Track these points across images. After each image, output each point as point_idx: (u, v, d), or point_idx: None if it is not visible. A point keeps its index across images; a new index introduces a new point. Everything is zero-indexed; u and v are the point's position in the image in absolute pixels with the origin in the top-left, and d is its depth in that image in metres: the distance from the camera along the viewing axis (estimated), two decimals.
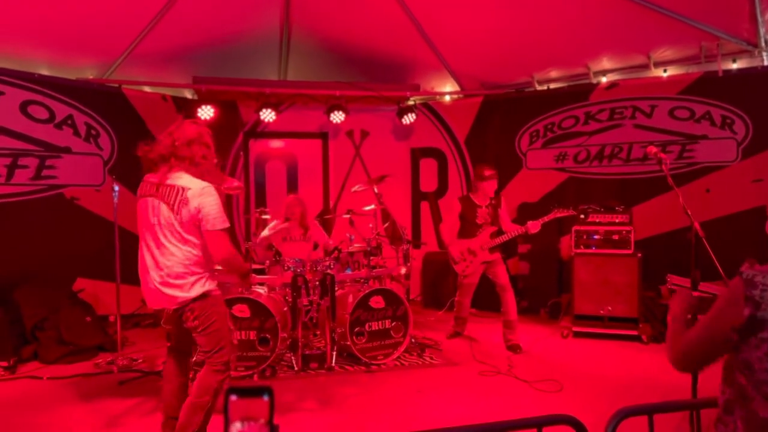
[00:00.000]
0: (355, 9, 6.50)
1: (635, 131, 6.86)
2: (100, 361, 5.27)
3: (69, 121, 6.46)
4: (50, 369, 5.09)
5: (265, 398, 0.69)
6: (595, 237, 5.95)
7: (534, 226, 5.41)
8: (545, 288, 7.08)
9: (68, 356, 5.33)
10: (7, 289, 5.60)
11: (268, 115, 7.31)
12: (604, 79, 7.08)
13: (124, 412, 4.06)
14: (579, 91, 7.22)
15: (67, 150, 6.44)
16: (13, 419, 3.96)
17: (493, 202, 5.71)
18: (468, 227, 5.69)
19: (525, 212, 6.81)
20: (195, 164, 3.19)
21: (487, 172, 5.65)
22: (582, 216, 6.06)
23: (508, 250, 7.27)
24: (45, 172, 6.24)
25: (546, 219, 5.45)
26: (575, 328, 5.97)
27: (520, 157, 7.67)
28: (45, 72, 6.35)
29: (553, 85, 7.56)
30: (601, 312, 5.87)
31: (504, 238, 5.58)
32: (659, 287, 6.26)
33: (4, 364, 4.98)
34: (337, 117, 7.49)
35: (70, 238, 6.40)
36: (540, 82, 7.59)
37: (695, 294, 3.11)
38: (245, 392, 0.71)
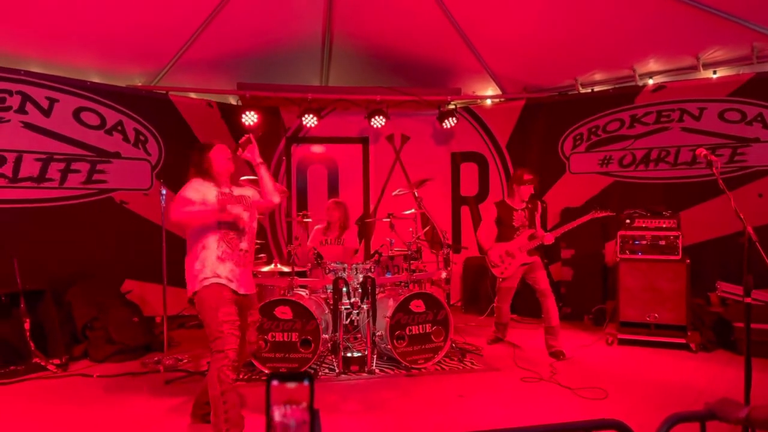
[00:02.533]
0: (397, 14, 6.53)
1: (683, 134, 6.69)
2: (147, 360, 5.40)
3: (119, 127, 6.67)
4: (100, 367, 5.25)
5: (306, 383, 0.70)
6: (642, 242, 5.80)
7: (548, 238, 5.46)
8: (589, 294, 6.94)
9: (117, 355, 5.50)
10: (60, 290, 5.81)
11: (310, 121, 7.40)
12: (650, 82, 6.93)
13: (170, 411, 4.15)
14: (624, 94, 7.09)
15: (117, 155, 6.66)
16: (65, 415, 4.09)
17: (529, 205, 5.66)
18: (505, 231, 5.65)
19: (568, 217, 6.69)
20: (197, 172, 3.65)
21: (527, 177, 5.61)
22: (627, 221, 5.92)
23: (551, 255, 7.17)
24: (96, 177, 6.46)
25: (566, 228, 5.45)
26: (620, 336, 5.83)
27: (563, 161, 7.57)
28: (96, 79, 6.59)
29: (597, 88, 7.44)
30: (648, 319, 5.72)
31: (538, 241, 5.53)
32: (708, 294, 6.08)
33: (57, 361, 5.16)
34: (378, 122, 7.53)
35: (119, 240, 6.60)
36: (584, 85, 7.49)
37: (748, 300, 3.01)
38: (286, 377, 0.72)
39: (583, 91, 7.50)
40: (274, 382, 0.72)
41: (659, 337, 5.68)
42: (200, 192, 3.51)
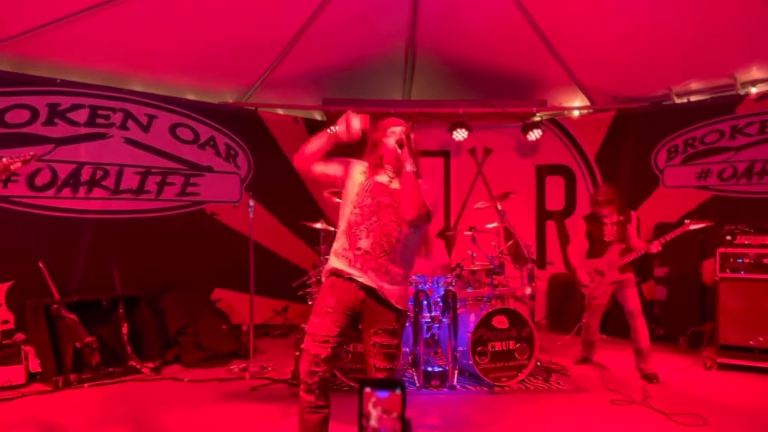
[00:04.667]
0: (481, 27, 6.47)
1: None
2: (234, 367, 5.57)
3: (211, 142, 6.98)
4: (190, 372, 5.45)
5: (398, 392, 0.68)
6: (744, 260, 5.42)
7: (655, 246, 5.11)
8: (685, 315, 6.54)
9: (205, 361, 5.69)
10: (155, 297, 6.11)
11: None
12: (753, 90, 6.51)
13: (255, 417, 4.25)
14: (724, 104, 6.70)
15: (209, 169, 6.95)
16: (158, 417, 4.27)
17: (621, 218, 5.40)
18: (596, 246, 5.42)
19: (662, 233, 6.37)
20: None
21: (600, 198, 5.40)
22: (728, 237, 5.56)
23: (643, 273, 6.84)
24: (189, 189, 6.77)
25: (671, 236, 5.08)
26: (720, 360, 5.46)
27: (656, 174, 7.22)
28: (191, 97, 6.93)
29: (693, 98, 7.07)
30: (751, 343, 5.32)
31: (633, 255, 5.25)
32: None
33: (151, 365, 5.41)
34: (460, 134, 7.49)
35: (210, 250, 6.86)
36: (679, 95, 7.13)
37: None
38: (378, 385, 0.70)
39: (678, 101, 7.15)
40: (367, 389, 0.71)
41: (764, 363, 5.26)
42: (353, 170, 3.10)
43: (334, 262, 2.96)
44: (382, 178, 3.05)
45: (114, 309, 5.56)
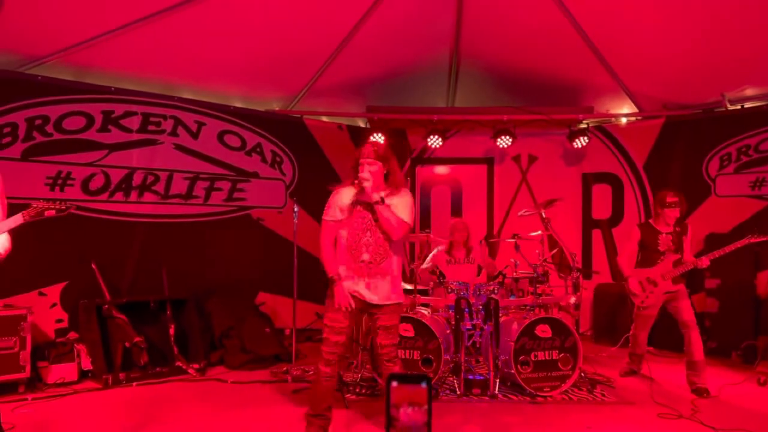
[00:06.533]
0: (526, 32, 6.42)
1: None
2: (276, 370, 5.65)
3: (258, 149, 7.12)
4: (233, 374, 5.57)
5: (424, 385, 0.69)
6: None
7: (704, 261, 4.97)
8: (738, 328, 6.30)
9: (249, 363, 5.80)
10: (201, 299, 6.26)
11: (435, 142, 7.47)
12: None
13: (296, 419, 4.28)
14: None
15: (255, 175, 7.10)
16: (203, 417, 4.37)
17: (677, 229, 5.24)
18: (649, 255, 5.27)
19: (715, 243, 6.17)
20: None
21: (669, 199, 5.19)
22: None
23: (693, 284, 6.63)
24: (236, 195, 6.93)
25: (729, 249, 4.89)
26: None
27: (708, 183, 7.01)
28: (239, 105, 7.10)
29: (748, 105, 6.84)
30: None
31: (687, 266, 5.09)
32: None
33: (196, 366, 5.54)
34: (504, 142, 7.43)
35: (255, 255, 7.01)
36: (732, 102, 6.91)
37: None
38: (406, 379, 0.72)
39: (731, 107, 6.93)
40: (394, 384, 0.72)
41: None
42: (341, 194, 3.72)
43: (342, 271, 3.66)
44: (365, 196, 3.60)
45: (162, 310, 5.72)
